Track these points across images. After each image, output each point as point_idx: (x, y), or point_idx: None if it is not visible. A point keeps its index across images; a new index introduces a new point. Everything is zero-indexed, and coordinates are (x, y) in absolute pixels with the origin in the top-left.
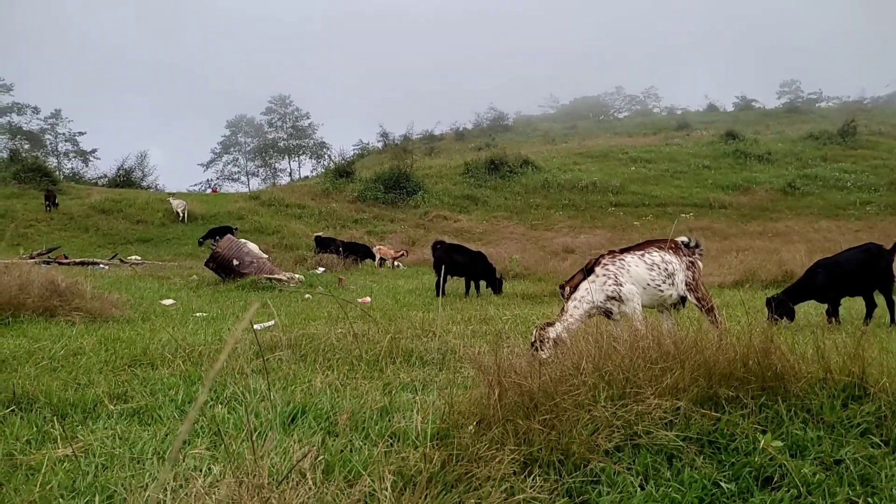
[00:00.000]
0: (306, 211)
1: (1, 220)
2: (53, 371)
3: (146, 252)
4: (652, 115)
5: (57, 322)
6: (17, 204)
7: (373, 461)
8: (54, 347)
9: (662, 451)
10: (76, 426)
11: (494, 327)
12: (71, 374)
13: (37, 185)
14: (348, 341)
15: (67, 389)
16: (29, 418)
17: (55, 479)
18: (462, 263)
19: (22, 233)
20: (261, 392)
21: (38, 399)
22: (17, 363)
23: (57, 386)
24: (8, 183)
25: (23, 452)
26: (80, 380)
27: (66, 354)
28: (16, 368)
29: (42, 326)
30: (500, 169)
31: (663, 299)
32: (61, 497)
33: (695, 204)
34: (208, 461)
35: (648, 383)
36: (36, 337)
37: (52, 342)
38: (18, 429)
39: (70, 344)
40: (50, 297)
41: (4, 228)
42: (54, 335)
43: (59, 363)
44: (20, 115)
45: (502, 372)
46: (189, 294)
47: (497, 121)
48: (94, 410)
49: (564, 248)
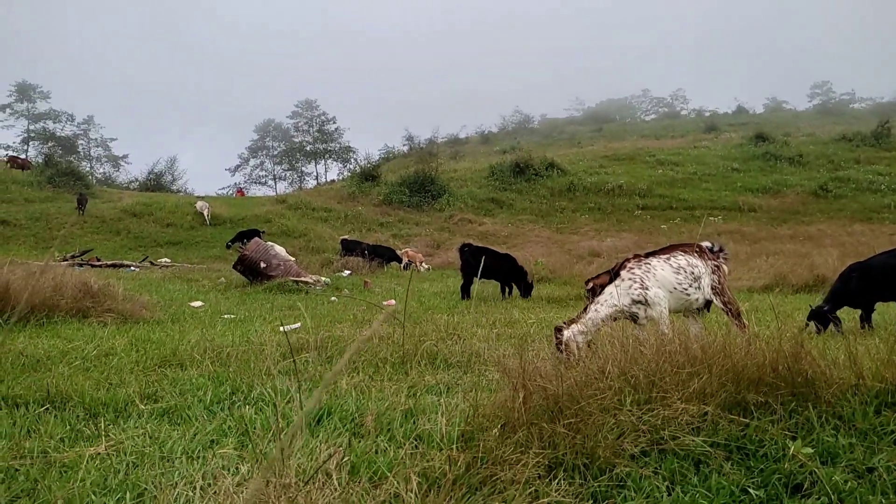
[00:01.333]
0: (332, 214)
1: (36, 223)
2: (86, 371)
3: (175, 255)
4: (679, 117)
5: (90, 323)
6: (51, 207)
7: (398, 463)
8: (87, 348)
9: (689, 456)
10: (108, 425)
11: (519, 331)
12: (103, 374)
13: (70, 189)
14: (374, 343)
15: (100, 389)
16: (62, 417)
17: (88, 476)
18: (489, 266)
19: (56, 235)
20: (288, 393)
21: (71, 398)
22: (52, 363)
23: (89, 385)
24: (43, 187)
25: (57, 450)
26: (111, 380)
27: (98, 355)
28: (50, 368)
29: (75, 327)
30: (525, 172)
31: (689, 303)
32: (93, 494)
33: (723, 207)
34: (236, 461)
35: (675, 388)
36: (69, 337)
37: (85, 343)
38: (52, 427)
39: (102, 344)
40: (83, 299)
41: (39, 231)
42: (87, 336)
43: (91, 363)
44: (56, 121)
45: (527, 375)
46: (217, 296)
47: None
48: (126, 410)
49: (590, 251)
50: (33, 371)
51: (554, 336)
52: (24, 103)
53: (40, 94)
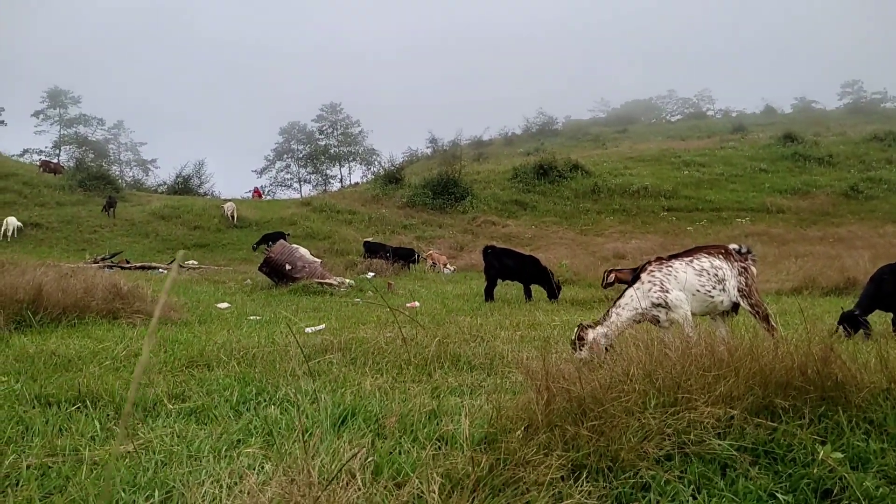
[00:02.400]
0: (356, 217)
1: (68, 226)
2: (116, 371)
3: (202, 257)
4: (706, 117)
5: (119, 324)
6: (82, 211)
7: (421, 464)
8: (117, 348)
9: (715, 460)
10: (137, 424)
11: (543, 333)
12: (132, 374)
13: (101, 193)
14: (397, 345)
15: (129, 388)
16: (93, 415)
17: (118, 474)
18: (513, 268)
19: (87, 238)
20: (312, 394)
21: (101, 397)
22: (83, 363)
23: (119, 385)
24: (74, 191)
25: (87, 448)
26: (140, 379)
27: (127, 355)
28: (81, 368)
29: (105, 328)
30: (549, 174)
31: (714, 306)
32: (123, 491)
33: (751, 208)
34: (261, 460)
35: (701, 391)
36: (100, 338)
37: (115, 343)
38: (83, 425)
39: (131, 345)
40: (113, 300)
41: (71, 234)
42: (117, 336)
43: (121, 363)
44: (87, 126)
45: (550, 377)
46: (243, 298)
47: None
48: (154, 409)
49: (615, 253)
50: (65, 370)
51: (577, 334)
52: (56, 109)
53: (71, 99)
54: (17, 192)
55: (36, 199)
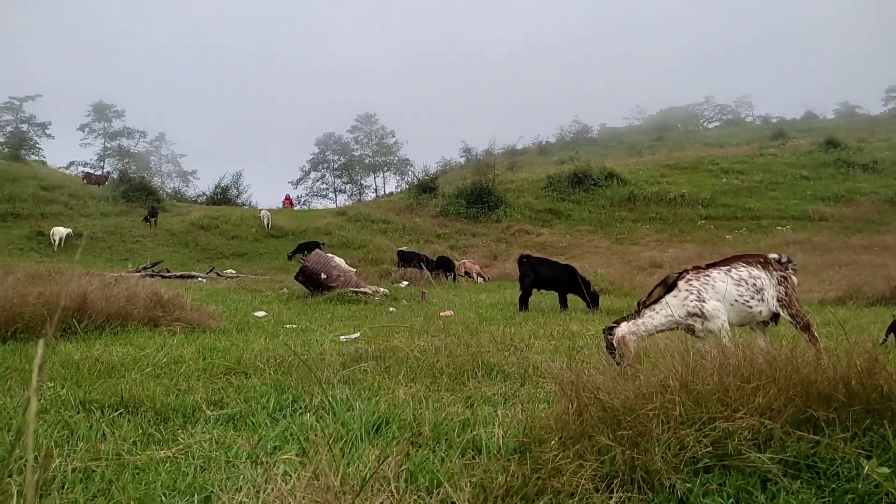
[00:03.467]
0: (391, 226)
1: (111, 236)
2: (157, 377)
3: (240, 266)
4: (744, 124)
5: (160, 332)
6: (125, 221)
7: (454, 472)
8: (158, 355)
9: (755, 473)
10: (177, 430)
11: (577, 343)
12: (172, 381)
13: (143, 204)
14: (431, 354)
15: (169, 395)
16: (135, 421)
17: (158, 478)
18: (548, 277)
19: (129, 248)
20: (347, 402)
21: (143, 403)
22: (125, 369)
23: (160, 391)
24: (118, 202)
25: (129, 453)
26: (180, 386)
27: (168, 362)
28: (123, 374)
29: (147, 336)
30: (583, 182)
31: (753, 316)
32: (163, 496)
33: (792, 216)
34: (297, 467)
35: (739, 402)
36: (141, 345)
37: (156, 350)
38: (126, 431)
39: (172, 352)
40: (154, 308)
41: (115, 244)
42: (157, 344)
43: (161, 370)
44: (129, 138)
45: (582, 387)
46: (280, 306)
47: (581, 133)
48: (193, 415)
49: (651, 262)
50: (108, 377)
51: (604, 337)
52: (100, 122)
53: (115, 112)
54: (63, 203)
55: (81, 209)
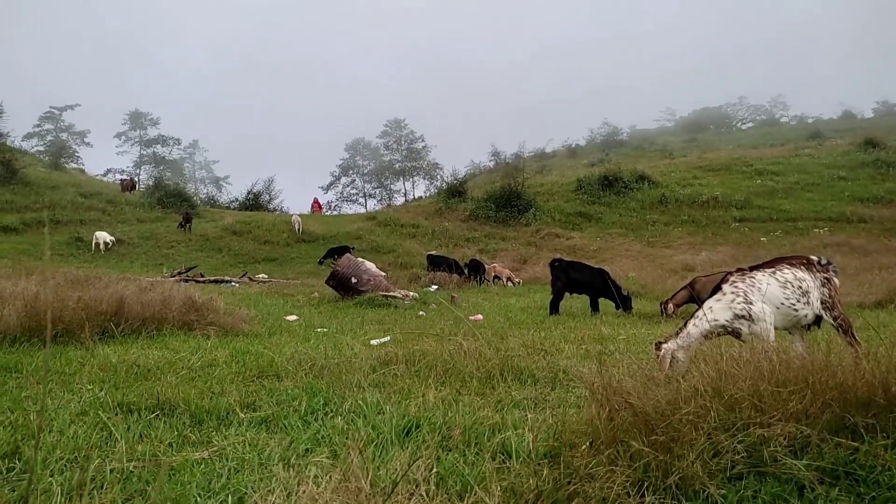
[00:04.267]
0: (420, 230)
1: (147, 241)
2: (191, 380)
3: (272, 270)
4: (779, 124)
5: (194, 335)
6: (160, 227)
7: (484, 476)
8: (192, 358)
9: (791, 480)
10: (211, 432)
11: (608, 347)
12: (206, 384)
13: (178, 210)
14: (461, 358)
15: (203, 397)
16: (170, 423)
17: (193, 479)
18: (580, 280)
19: (164, 253)
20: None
21: (178, 406)
22: (161, 372)
23: (194, 394)
24: (153, 208)
25: (165, 454)
26: (214, 389)
27: (202, 365)
28: (159, 377)
29: (181, 339)
30: (614, 185)
31: (798, 319)
32: (198, 496)
33: (829, 218)
34: (329, 469)
35: (773, 407)
36: (176, 349)
37: (191, 354)
38: (162, 432)
39: (206, 356)
40: (188, 312)
41: (150, 249)
42: (192, 347)
43: (196, 373)
44: (164, 146)
45: (613, 392)
46: (311, 310)
47: (611, 136)
48: (227, 418)
49: (684, 265)
50: (145, 380)
51: (655, 353)
52: (136, 130)
53: (150, 120)
54: (101, 210)
55: (118, 216)
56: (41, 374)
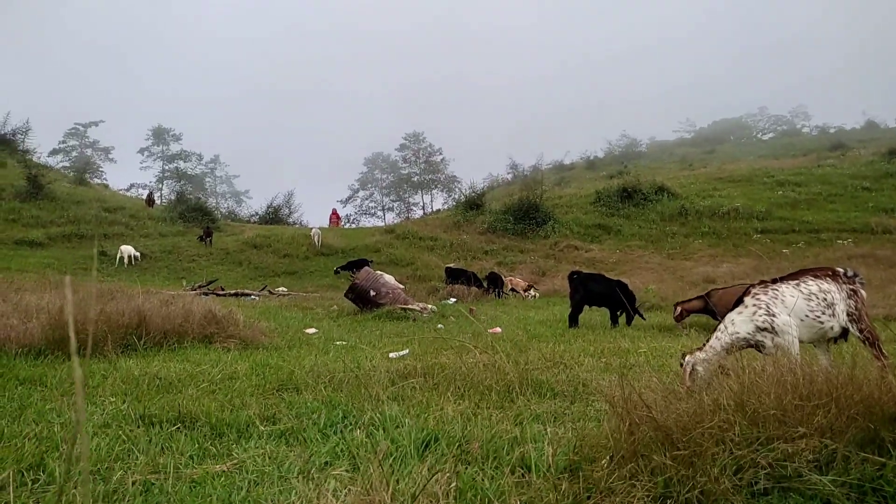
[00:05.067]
0: (438, 243)
1: (169, 255)
2: (212, 393)
3: (291, 283)
4: (801, 135)
5: (214, 348)
6: (182, 241)
7: (503, 490)
8: (213, 371)
9: (816, 496)
10: (231, 444)
11: (629, 360)
12: (227, 397)
13: (199, 224)
14: (479, 371)
15: (224, 410)
16: (191, 435)
17: (214, 492)
18: (600, 293)
19: (185, 266)
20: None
21: (199, 418)
22: (182, 385)
23: (215, 407)
24: (175, 222)
25: (186, 466)
26: (234, 402)
27: (222, 378)
28: (180, 390)
29: (202, 352)
30: (633, 197)
31: (824, 332)
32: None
33: (853, 229)
34: (348, 482)
35: (798, 422)
36: (197, 361)
37: (211, 366)
38: (183, 445)
39: (226, 368)
40: (208, 326)
41: (172, 263)
42: (213, 360)
43: (216, 386)
44: (186, 161)
45: (633, 405)
46: (330, 323)
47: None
48: (247, 430)
49: (705, 278)
50: (166, 392)
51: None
52: (159, 146)
53: (173, 136)
54: (124, 224)
55: (141, 230)
56: (65, 387)
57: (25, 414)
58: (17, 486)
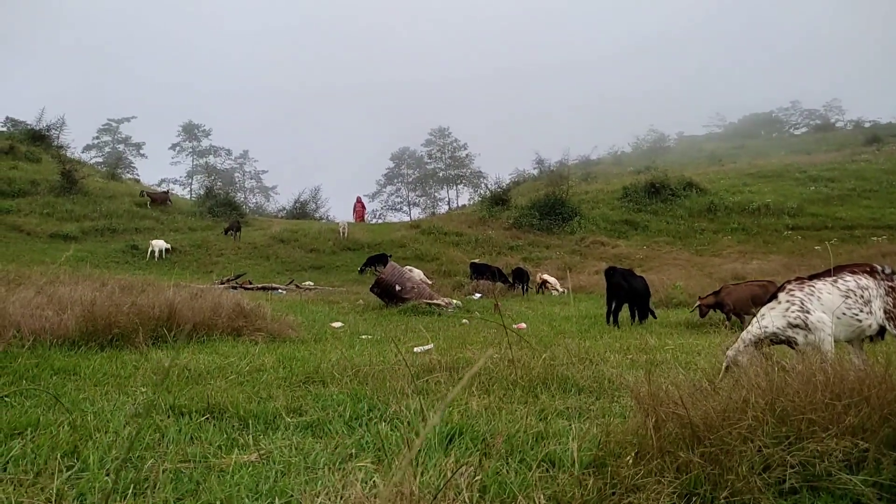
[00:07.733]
0: (463, 238)
1: (198, 249)
2: (240, 385)
3: (318, 278)
4: (834, 129)
5: (242, 341)
6: (210, 235)
7: (527, 484)
8: (241, 364)
9: (847, 496)
10: (259, 435)
11: (655, 357)
12: (254, 389)
13: (227, 219)
14: (504, 366)
15: (251, 402)
16: (220, 426)
17: (242, 481)
18: (638, 289)
19: (214, 260)
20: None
21: (227, 409)
22: (211, 377)
23: (243, 398)
24: (204, 217)
25: (215, 456)
26: (261, 393)
27: (250, 370)
28: (209, 382)
29: (230, 345)
30: (661, 192)
31: (861, 330)
32: (246, 498)
33: (888, 226)
34: (373, 474)
35: (829, 421)
36: (225, 354)
37: (239, 359)
38: (211, 435)
39: (254, 361)
40: (237, 319)
41: (201, 257)
42: (241, 353)
43: (244, 378)
44: (216, 156)
45: (659, 401)
46: (356, 317)
47: (657, 143)
48: (274, 422)
49: (734, 275)
50: (195, 384)
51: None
52: (189, 142)
53: (203, 132)
54: (154, 218)
55: (172, 224)
56: (98, 377)
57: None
58: (54, 472)
